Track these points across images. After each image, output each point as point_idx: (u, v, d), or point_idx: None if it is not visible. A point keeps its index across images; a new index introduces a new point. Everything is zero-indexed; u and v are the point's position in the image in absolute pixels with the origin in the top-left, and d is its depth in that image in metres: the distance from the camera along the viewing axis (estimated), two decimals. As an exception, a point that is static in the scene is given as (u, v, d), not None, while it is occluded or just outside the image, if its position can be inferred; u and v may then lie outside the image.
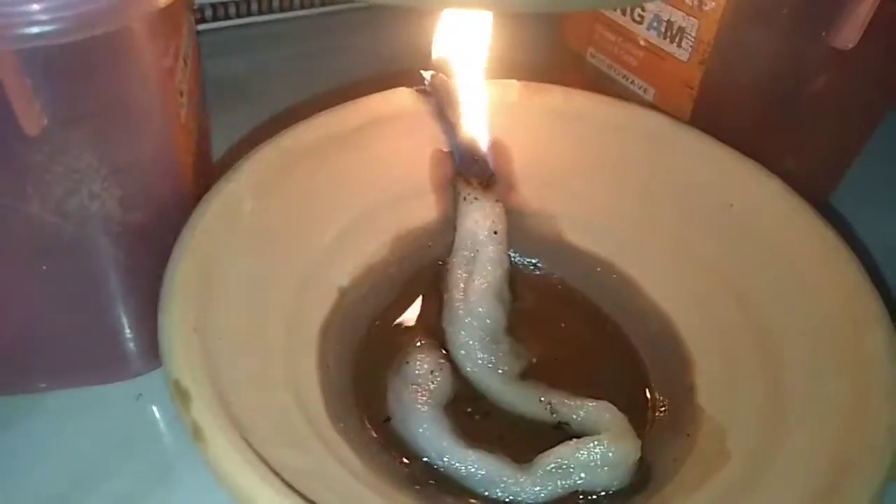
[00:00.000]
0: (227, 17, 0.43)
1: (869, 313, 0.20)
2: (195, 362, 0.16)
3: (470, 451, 0.20)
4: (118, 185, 0.19)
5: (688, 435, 0.21)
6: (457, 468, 0.20)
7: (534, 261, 0.27)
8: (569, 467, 0.20)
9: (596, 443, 0.20)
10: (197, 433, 0.15)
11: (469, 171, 0.25)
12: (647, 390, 0.23)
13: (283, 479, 0.15)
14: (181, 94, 0.21)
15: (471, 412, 0.23)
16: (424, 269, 0.26)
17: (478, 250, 0.25)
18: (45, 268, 0.20)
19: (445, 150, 0.26)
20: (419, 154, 0.26)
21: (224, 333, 0.18)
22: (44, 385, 0.24)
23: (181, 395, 0.15)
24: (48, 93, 0.16)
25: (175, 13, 0.21)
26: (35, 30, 0.15)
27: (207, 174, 0.27)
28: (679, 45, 0.26)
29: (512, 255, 0.26)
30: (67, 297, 0.21)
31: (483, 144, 0.25)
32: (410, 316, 0.25)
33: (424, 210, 0.26)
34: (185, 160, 0.22)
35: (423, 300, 0.25)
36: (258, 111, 0.35)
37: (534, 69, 0.30)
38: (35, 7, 0.15)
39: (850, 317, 0.20)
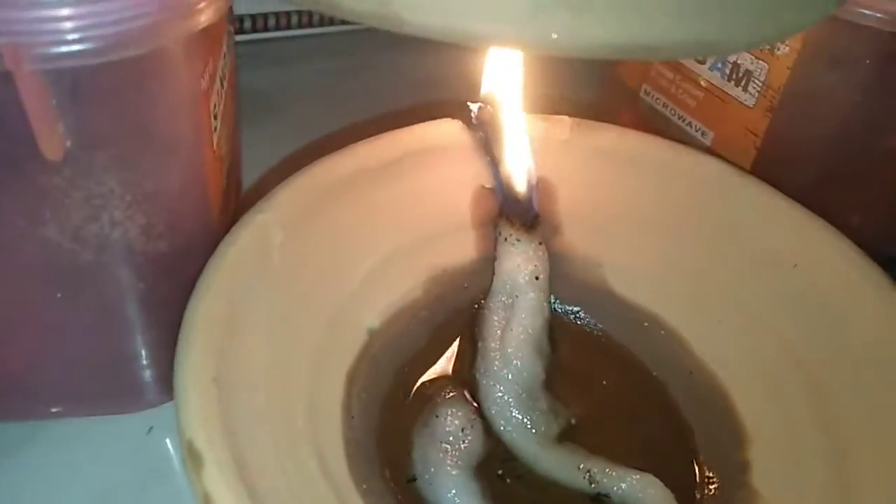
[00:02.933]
0: (266, 30, 0.42)
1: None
2: (212, 421, 0.15)
3: (503, 523, 0.19)
4: (142, 213, 0.18)
5: (740, 521, 0.19)
6: (486, 540, 0.19)
7: (576, 310, 0.25)
8: (610, 548, 0.18)
9: (642, 525, 0.18)
10: (207, 503, 0.13)
11: (512, 210, 0.24)
12: (695, 464, 0.21)
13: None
14: (215, 118, 0.20)
15: (502, 474, 0.21)
16: (459, 312, 0.24)
17: (517, 296, 0.23)
18: (59, 295, 0.19)
19: (488, 186, 0.25)
20: (460, 190, 0.24)
21: (245, 382, 0.17)
22: (54, 411, 0.23)
23: (193, 459, 0.14)
24: (73, 115, 0.15)
25: (215, 30, 0.19)
26: (64, 49, 0.14)
27: (237, 199, 0.26)
28: (745, 90, 0.24)
29: (552, 302, 0.24)
30: (82, 324, 0.20)
31: (529, 183, 0.24)
32: (442, 363, 0.23)
33: (462, 249, 0.24)
34: (215, 188, 0.21)
35: (455, 347, 0.24)
36: (291, 129, 0.34)
37: (584, 104, 0.28)
38: (66, 25, 0.14)
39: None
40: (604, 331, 0.25)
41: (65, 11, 0.13)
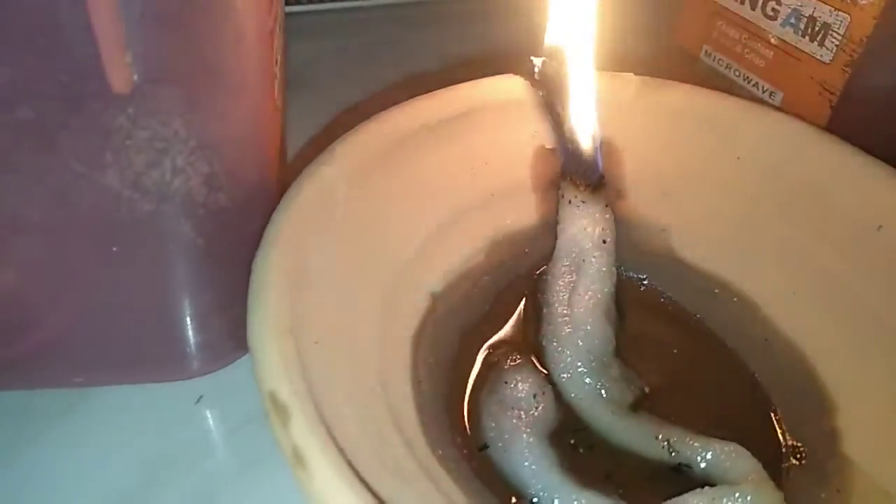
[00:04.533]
0: (299, 3, 0.41)
1: None
2: (294, 372, 0.14)
3: (584, 492, 0.18)
4: (205, 161, 0.17)
5: (837, 491, 0.18)
6: (567, 510, 0.17)
7: (642, 277, 0.24)
8: (701, 520, 0.17)
9: (739, 493, 0.17)
10: (299, 459, 0.12)
11: (576, 171, 0.23)
12: (778, 434, 0.20)
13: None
14: (276, 64, 0.19)
15: (574, 444, 0.20)
16: (521, 277, 0.23)
17: (583, 260, 0.22)
18: (115, 249, 0.18)
19: (551, 146, 0.23)
20: (522, 149, 0.23)
21: (319, 336, 0.16)
22: (102, 378, 0.22)
23: (279, 412, 0.13)
24: (142, 44, 0.14)
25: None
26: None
27: (284, 164, 0.25)
28: (821, 45, 0.23)
29: (617, 269, 0.23)
30: (136, 282, 0.19)
31: (593, 143, 0.23)
32: (506, 330, 0.22)
33: (523, 212, 0.23)
34: (275, 141, 0.20)
35: (519, 313, 0.23)
36: (325, 102, 0.33)
37: (637, 68, 0.27)
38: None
39: None
40: (672, 299, 0.23)
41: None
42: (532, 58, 0.23)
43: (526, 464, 0.18)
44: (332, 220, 0.19)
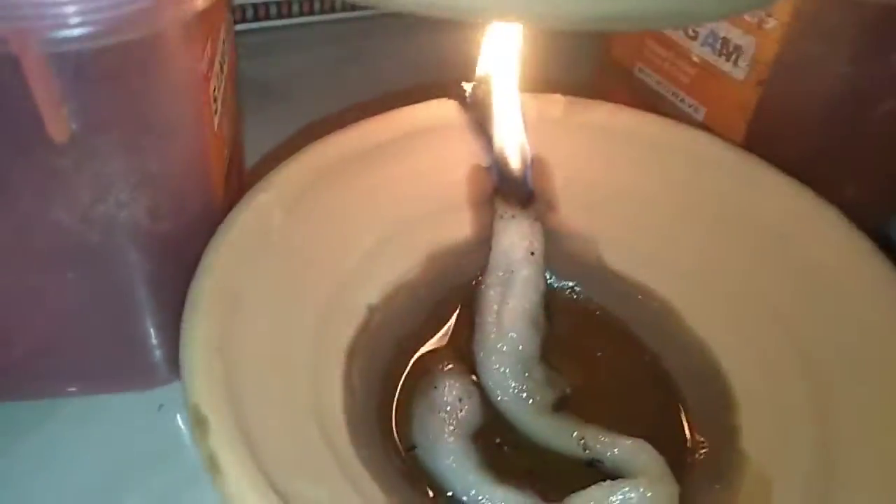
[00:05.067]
0: (268, 18, 0.42)
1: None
2: (216, 387, 0.15)
3: (498, 488, 0.19)
4: (147, 194, 0.19)
5: (729, 482, 0.20)
6: (483, 505, 0.19)
7: (571, 285, 0.26)
8: (601, 511, 0.19)
9: (631, 487, 0.18)
10: (213, 465, 0.14)
11: (507, 187, 0.24)
12: (686, 430, 0.22)
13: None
14: (215, 101, 0.20)
15: (500, 443, 0.22)
16: (457, 288, 0.25)
17: (513, 271, 0.24)
18: (70, 275, 0.20)
19: (484, 165, 0.25)
20: (457, 169, 0.25)
21: (248, 353, 0.18)
22: (70, 390, 0.23)
23: (199, 423, 0.15)
24: (77, 98, 0.16)
25: (213, 15, 0.20)
26: (67, 33, 0.14)
27: (240, 181, 0.26)
28: (735, 64, 0.25)
29: (548, 278, 0.25)
30: (92, 304, 0.21)
31: (523, 161, 0.24)
32: (440, 338, 0.24)
33: (459, 227, 0.25)
34: (218, 170, 0.21)
35: (454, 322, 0.24)
36: (294, 115, 0.34)
37: (578, 84, 0.29)
38: (68, 9, 0.14)
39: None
40: (599, 305, 0.25)
41: (49, 8, 0.14)
42: (463, 83, 0.25)
43: (447, 461, 0.20)
44: (269, 245, 0.20)
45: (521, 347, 0.23)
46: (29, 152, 0.17)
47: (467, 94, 0.25)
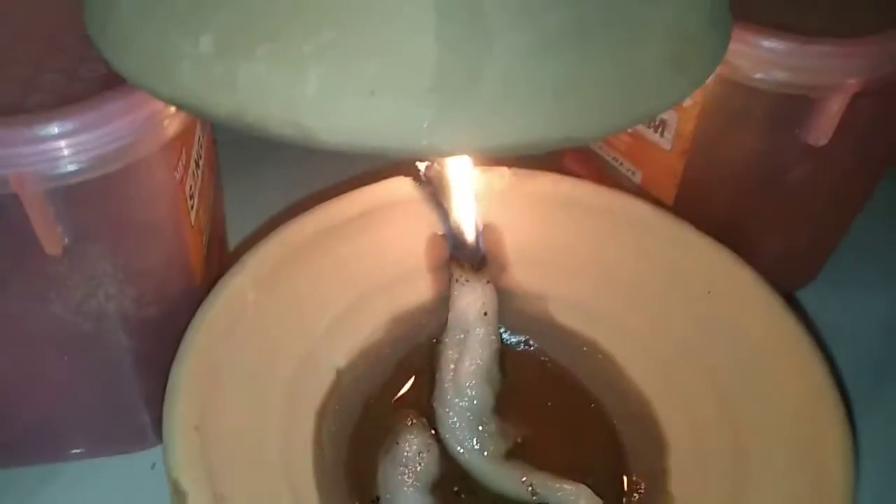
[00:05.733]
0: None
1: (828, 413, 0.21)
2: (195, 462, 0.18)
3: (452, 535, 0.22)
4: (133, 287, 0.21)
5: (657, 521, 0.22)
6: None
7: (523, 339, 0.28)
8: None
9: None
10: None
11: (462, 254, 0.27)
12: (624, 473, 0.24)
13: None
14: (191, 198, 0.23)
15: (457, 491, 0.24)
16: (420, 346, 0.27)
17: (468, 331, 0.26)
18: (66, 358, 0.22)
19: (440, 233, 0.28)
20: (416, 238, 0.28)
21: (225, 427, 0.20)
22: (72, 453, 0.26)
23: (179, 496, 0.17)
24: (68, 219, 0.19)
25: (185, 127, 0.23)
26: (57, 172, 0.17)
27: (222, 251, 0.29)
28: (662, 136, 0.27)
29: (503, 332, 0.28)
30: (87, 381, 0.23)
31: (475, 229, 0.27)
32: (405, 395, 0.26)
33: (420, 290, 0.28)
34: (196, 256, 0.24)
35: (416, 379, 0.27)
36: (271, 180, 0.37)
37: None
38: (57, 154, 0.17)
39: (812, 414, 0.21)
40: (549, 357, 0.28)
41: (56, 144, 0.17)
42: (417, 162, 0.27)
43: (407, 512, 0.22)
44: (243, 321, 0.23)
45: (476, 402, 0.25)
46: (28, 262, 0.19)
47: (422, 172, 0.27)
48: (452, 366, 0.26)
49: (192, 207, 0.23)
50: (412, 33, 0.15)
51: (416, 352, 0.27)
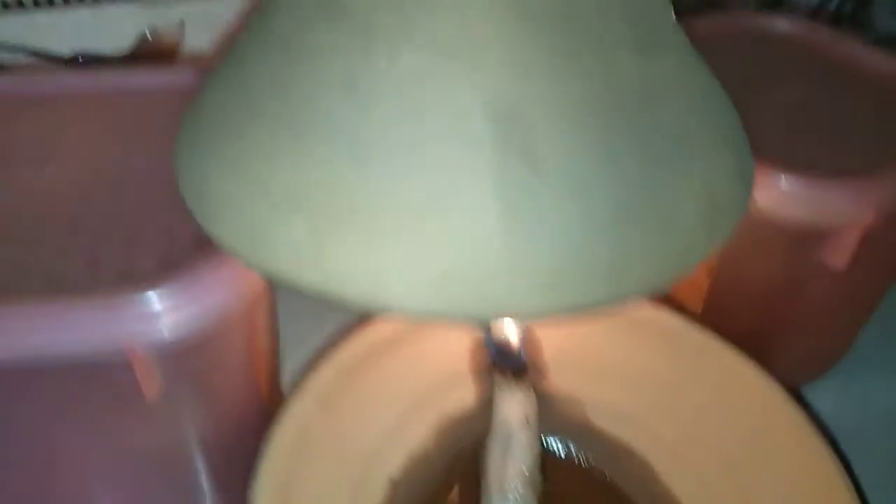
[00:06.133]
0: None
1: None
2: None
3: None
4: (212, 414, 0.23)
5: None
6: None
7: (563, 442, 0.30)
8: None
9: None
10: None
11: (504, 362, 0.29)
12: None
13: None
14: (263, 330, 0.25)
15: (506, 593, 0.26)
16: (465, 450, 0.29)
17: (511, 437, 0.28)
18: (153, 475, 0.24)
19: (482, 342, 0.30)
20: (458, 346, 0.30)
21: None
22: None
23: None
24: (167, 371, 0.21)
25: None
26: (159, 341, 0.19)
27: (277, 370, 0.31)
28: (688, 251, 0.29)
29: (544, 437, 0.29)
30: (173, 493, 0.25)
31: (516, 337, 0.29)
32: (454, 499, 0.28)
33: (464, 396, 0.29)
34: (264, 379, 0.26)
35: (463, 482, 0.29)
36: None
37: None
38: (158, 328, 0.19)
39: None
40: (588, 461, 0.29)
41: (164, 317, 0.19)
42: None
43: None
44: (308, 442, 0.25)
45: (520, 507, 0.27)
46: (126, 407, 0.21)
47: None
48: (497, 471, 0.28)
49: (264, 333, 0.25)
50: (480, 224, 0.18)
51: (463, 457, 0.29)
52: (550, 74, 0.18)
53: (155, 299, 0.19)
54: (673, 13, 0.22)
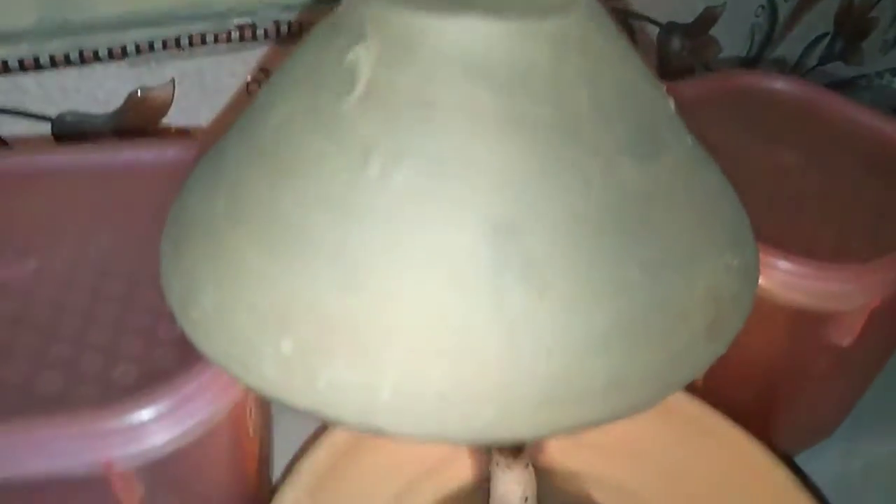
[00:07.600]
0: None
1: None
2: None
3: None
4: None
5: None
6: None
7: (562, 518, 0.29)
8: None
9: None
10: None
11: (501, 438, 0.28)
12: None
13: None
14: (251, 423, 0.24)
15: None
16: (464, 530, 0.29)
17: (510, 515, 0.27)
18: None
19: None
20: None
21: None
22: None
23: None
24: (147, 482, 0.20)
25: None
26: (136, 454, 0.19)
27: (268, 451, 0.30)
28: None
29: (542, 512, 0.29)
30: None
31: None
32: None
33: (461, 473, 0.29)
34: (252, 465, 0.25)
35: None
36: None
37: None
38: (146, 438, 0.18)
39: None
40: (587, 535, 0.29)
41: (142, 430, 0.18)
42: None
43: None
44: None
45: (520, 590, 0.26)
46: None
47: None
48: (496, 553, 0.27)
49: (251, 429, 0.25)
50: (477, 346, 0.17)
51: (461, 536, 0.28)
52: (548, 188, 0.18)
53: (137, 415, 0.18)
54: (672, 105, 0.21)
